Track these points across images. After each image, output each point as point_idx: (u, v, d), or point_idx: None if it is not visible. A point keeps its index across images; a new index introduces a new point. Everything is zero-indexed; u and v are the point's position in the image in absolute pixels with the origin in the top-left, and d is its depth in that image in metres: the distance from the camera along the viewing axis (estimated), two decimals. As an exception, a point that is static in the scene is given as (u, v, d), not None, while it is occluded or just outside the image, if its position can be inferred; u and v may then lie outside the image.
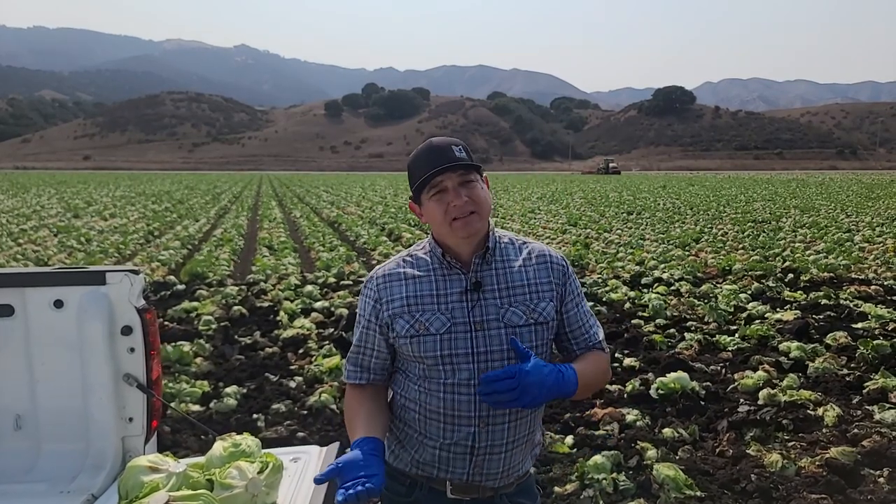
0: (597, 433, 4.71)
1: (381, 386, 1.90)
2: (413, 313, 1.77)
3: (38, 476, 2.19)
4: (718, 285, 10.03)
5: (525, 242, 1.88)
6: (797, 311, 8.11)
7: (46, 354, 2.23)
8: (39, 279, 2.20)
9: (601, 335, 1.91)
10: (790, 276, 10.79)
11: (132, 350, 2.21)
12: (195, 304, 8.66)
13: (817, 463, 4.13)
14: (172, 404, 5.23)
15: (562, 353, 1.93)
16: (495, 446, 1.76)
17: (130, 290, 2.19)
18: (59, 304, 2.19)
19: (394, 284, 1.82)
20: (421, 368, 1.78)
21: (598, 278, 10.80)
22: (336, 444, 2.21)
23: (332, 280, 10.71)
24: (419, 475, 1.83)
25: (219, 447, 1.91)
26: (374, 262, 13.38)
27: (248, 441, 1.94)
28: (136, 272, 2.20)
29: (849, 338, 6.83)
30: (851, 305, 8.41)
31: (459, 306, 1.75)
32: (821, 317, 7.98)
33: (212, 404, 5.31)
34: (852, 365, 6.16)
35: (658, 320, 7.91)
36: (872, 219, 20.60)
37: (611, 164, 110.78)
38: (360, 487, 1.49)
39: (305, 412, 5.19)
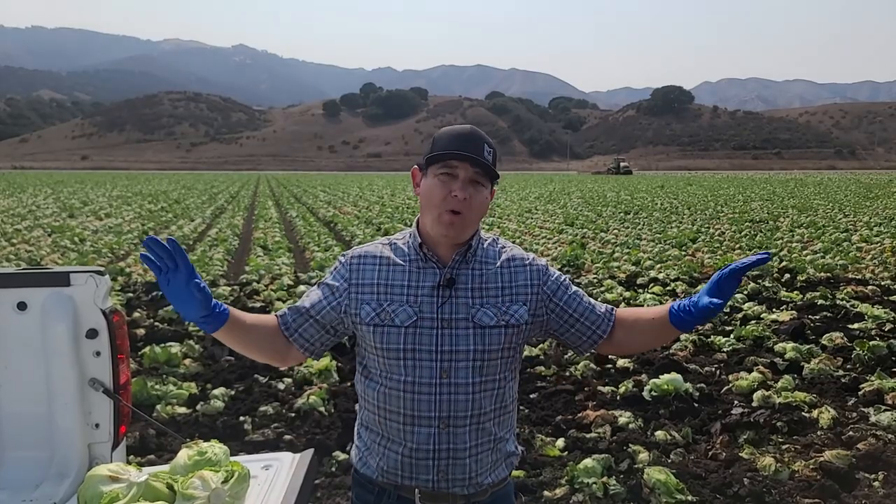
0: (588, 436, 4.64)
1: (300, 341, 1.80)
2: (381, 302, 1.72)
3: (0, 484, 2.12)
4: (714, 285, 9.95)
5: (506, 246, 1.84)
6: (793, 312, 8.05)
7: (9, 358, 2.15)
8: (1, 280, 2.12)
9: (607, 314, 1.84)
10: (787, 276, 10.73)
11: (98, 354, 2.13)
12: (186, 304, 8.57)
13: (811, 466, 4.07)
14: (157, 407, 5.16)
15: (579, 348, 1.85)
16: (458, 450, 1.71)
17: (96, 292, 2.11)
18: (22, 306, 2.11)
19: (367, 267, 1.77)
20: (382, 363, 1.72)
21: (594, 278, 10.74)
22: (311, 451, 2.14)
23: (325, 280, 10.63)
24: (386, 483, 1.78)
25: (183, 455, 1.84)
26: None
27: (214, 449, 1.87)
28: (101, 273, 2.12)
29: (845, 338, 6.77)
30: (848, 306, 8.34)
31: (429, 301, 1.70)
32: (817, 317, 7.92)
33: (198, 406, 5.23)
34: (848, 366, 6.10)
35: (653, 321, 7.83)
36: (870, 219, 20.56)
37: (622, 164, 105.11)
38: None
39: (293, 414, 5.11)
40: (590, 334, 1.82)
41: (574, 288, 1.85)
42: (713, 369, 6.11)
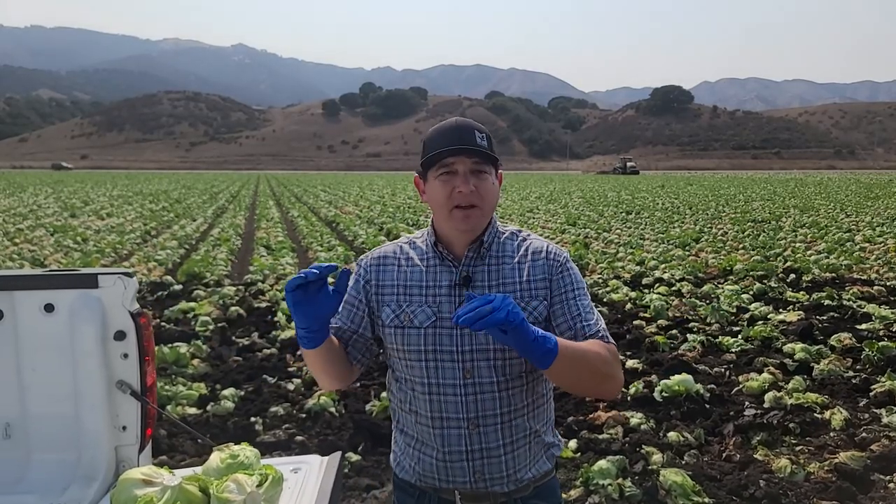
0: (601, 437, 4.63)
1: (357, 357, 1.79)
2: (400, 303, 1.70)
3: (28, 487, 2.11)
4: (720, 286, 9.96)
5: (526, 238, 1.77)
6: (800, 312, 8.03)
7: (36, 360, 2.14)
8: (29, 282, 2.11)
9: (600, 328, 1.69)
10: (792, 276, 10.72)
11: (126, 356, 2.12)
12: (192, 304, 8.57)
13: (826, 468, 4.06)
14: (168, 407, 5.15)
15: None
16: (491, 449, 1.68)
17: (124, 294, 2.10)
18: (49, 308, 2.10)
19: (386, 269, 1.75)
20: (406, 365, 1.70)
21: (599, 278, 10.73)
22: (338, 454, 2.13)
23: (330, 280, 10.61)
24: (425, 486, 1.76)
25: (216, 458, 1.83)
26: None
27: (246, 452, 1.86)
28: (129, 275, 2.12)
29: (853, 339, 6.75)
30: (855, 306, 8.33)
31: (447, 300, 1.67)
32: (824, 318, 7.91)
33: (209, 407, 5.22)
34: (858, 367, 6.09)
35: (660, 321, 7.84)
36: (872, 218, 20.55)
37: (629, 164, 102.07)
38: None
39: (304, 415, 5.10)
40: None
41: (576, 300, 1.70)
42: (723, 370, 6.09)
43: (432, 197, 1.67)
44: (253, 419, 4.99)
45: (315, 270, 1.48)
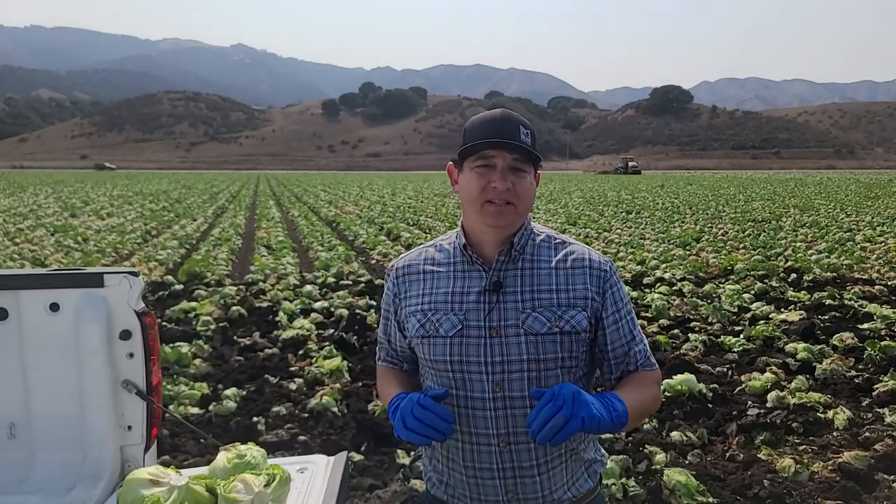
0: (604, 436, 4.63)
1: (413, 369, 1.79)
2: (425, 312, 1.62)
3: (33, 487, 2.10)
4: (721, 285, 9.95)
5: (564, 242, 1.67)
6: (802, 312, 8.03)
7: (41, 360, 2.13)
8: (34, 281, 2.10)
9: (647, 352, 1.68)
10: (793, 275, 10.72)
11: (131, 355, 2.11)
12: (193, 304, 8.56)
13: (830, 468, 4.05)
14: (171, 407, 5.14)
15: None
16: (524, 468, 1.58)
17: (129, 293, 2.09)
18: (54, 307, 2.09)
19: (412, 278, 1.69)
20: (434, 376, 1.64)
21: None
22: (344, 454, 2.12)
23: (331, 280, 10.61)
24: None
25: (223, 458, 1.82)
26: (373, 261, 13.31)
27: (253, 452, 1.85)
28: (135, 274, 2.10)
29: (855, 338, 6.75)
30: (856, 306, 8.32)
31: (475, 307, 1.58)
32: (826, 317, 7.91)
33: (211, 407, 5.21)
34: (860, 366, 6.08)
35: (662, 321, 7.83)
36: (873, 218, 20.55)
37: (630, 164, 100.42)
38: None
39: (306, 415, 5.09)
40: (606, 376, 1.69)
41: (628, 320, 1.67)
42: (725, 369, 6.09)
43: (464, 188, 1.59)
44: (255, 419, 4.99)
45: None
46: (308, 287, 9.74)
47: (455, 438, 1.60)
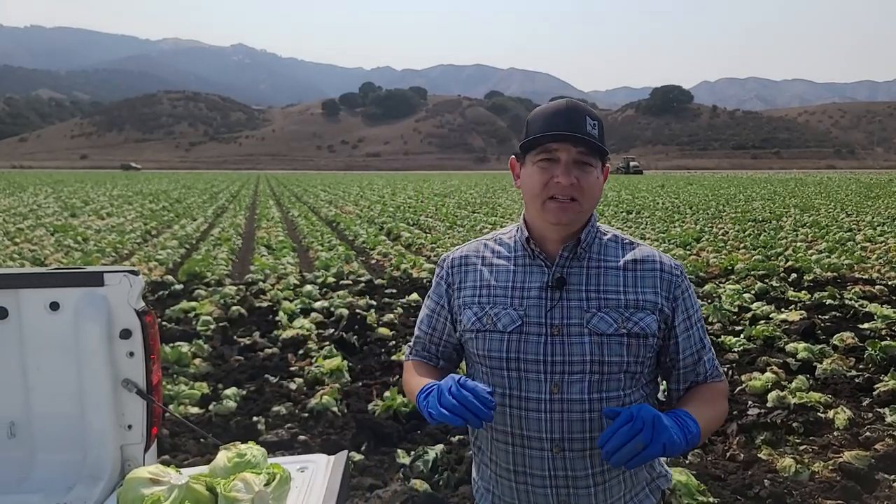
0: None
1: (449, 368, 1.72)
2: (483, 305, 1.56)
3: (33, 486, 2.09)
4: (721, 285, 9.95)
5: (633, 243, 1.60)
6: (802, 312, 8.03)
7: (41, 359, 2.13)
8: (34, 280, 2.10)
9: (715, 361, 1.63)
10: (793, 275, 10.72)
11: (131, 354, 2.11)
12: (193, 304, 8.56)
13: (830, 467, 4.05)
14: (171, 407, 5.14)
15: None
16: (578, 478, 1.50)
17: (129, 292, 2.09)
18: (54, 306, 2.09)
19: (468, 269, 1.62)
20: (486, 374, 1.56)
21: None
22: (345, 453, 2.11)
23: (331, 280, 10.61)
24: None
25: (223, 457, 1.82)
26: (373, 261, 13.31)
27: (253, 451, 1.85)
28: (135, 273, 2.10)
29: (856, 338, 6.74)
30: (857, 306, 8.32)
31: (536, 303, 1.51)
32: (826, 317, 7.91)
33: (211, 406, 5.21)
34: (861, 366, 6.08)
35: (662, 321, 7.82)
36: (873, 218, 20.55)
37: (632, 163, 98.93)
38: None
39: (306, 415, 5.09)
40: (673, 386, 1.64)
41: (698, 329, 1.60)
42: (725, 369, 6.08)
43: (527, 184, 1.52)
44: (255, 419, 4.98)
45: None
46: (308, 287, 9.74)
47: (504, 441, 1.54)
